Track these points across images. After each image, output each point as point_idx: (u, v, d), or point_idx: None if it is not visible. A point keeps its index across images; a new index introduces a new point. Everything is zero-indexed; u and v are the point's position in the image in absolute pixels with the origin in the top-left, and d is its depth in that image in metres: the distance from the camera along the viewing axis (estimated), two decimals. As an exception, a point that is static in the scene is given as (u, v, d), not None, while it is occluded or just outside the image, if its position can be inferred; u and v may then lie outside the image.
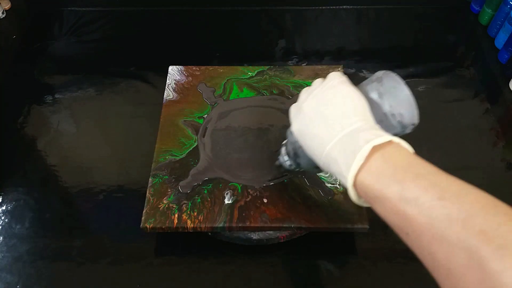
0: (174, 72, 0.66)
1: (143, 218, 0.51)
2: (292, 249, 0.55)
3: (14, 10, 0.86)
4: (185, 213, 0.52)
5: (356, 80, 0.41)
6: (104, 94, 0.72)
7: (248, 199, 0.53)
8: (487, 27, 0.80)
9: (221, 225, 0.51)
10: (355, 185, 0.34)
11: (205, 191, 0.53)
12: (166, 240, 0.56)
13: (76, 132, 0.67)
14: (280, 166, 0.50)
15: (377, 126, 0.37)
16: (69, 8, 0.86)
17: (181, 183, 0.54)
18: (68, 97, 0.72)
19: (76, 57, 0.79)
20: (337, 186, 0.54)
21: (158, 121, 0.60)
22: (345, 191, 0.53)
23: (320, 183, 0.54)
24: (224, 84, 0.64)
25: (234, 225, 0.51)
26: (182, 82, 0.65)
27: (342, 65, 0.66)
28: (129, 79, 0.74)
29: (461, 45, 0.80)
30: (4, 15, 0.84)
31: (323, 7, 0.86)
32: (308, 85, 0.63)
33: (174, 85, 0.64)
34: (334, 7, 0.86)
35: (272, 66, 0.67)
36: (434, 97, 0.71)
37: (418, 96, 0.68)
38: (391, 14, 0.85)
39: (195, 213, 0.52)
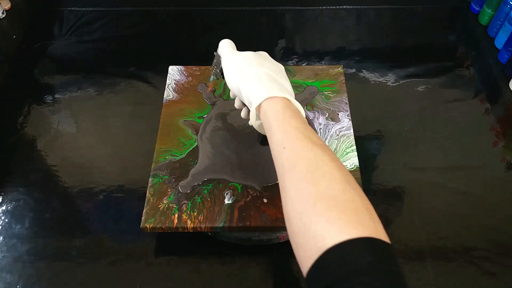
0: (174, 72, 0.66)
1: (143, 218, 0.51)
2: (292, 249, 0.55)
3: (14, 10, 0.86)
4: (185, 213, 0.52)
5: (356, 80, 0.41)
6: (104, 94, 0.72)
7: (248, 199, 0.53)
8: (487, 27, 0.80)
9: (221, 225, 0.51)
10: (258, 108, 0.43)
11: (205, 191, 0.53)
12: (166, 240, 0.56)
13: (76, 132, 0.67)
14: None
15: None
16: (69, 8, 0.86)
17: (181, 183, 0.54)
18: (68, 97, 0.72)
19: (76, 57, 0.79)
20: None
21: (158, 121, 0.60)
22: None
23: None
24: (224, 84, 0.64)
25: (234, 225, 0.51)
26: (182, 82, 0.65)
27: (342, 65, 0.66)
28: (129, 79, 0.74)
29: (461, 45, 0.80)
30: (4, 15, 0.84)
31: (323, 7, 0.86)
32: (308, 85, 0.64)
33: (174, 85, 0.64)
34: (334, 7, 0.86)
35: (272, 66, 0.66)
36: (434, 97, 0.71)
37: (418, 96, 0.68)
38: (391, 14, 0.85)
39: (195, 213, 0.52)
